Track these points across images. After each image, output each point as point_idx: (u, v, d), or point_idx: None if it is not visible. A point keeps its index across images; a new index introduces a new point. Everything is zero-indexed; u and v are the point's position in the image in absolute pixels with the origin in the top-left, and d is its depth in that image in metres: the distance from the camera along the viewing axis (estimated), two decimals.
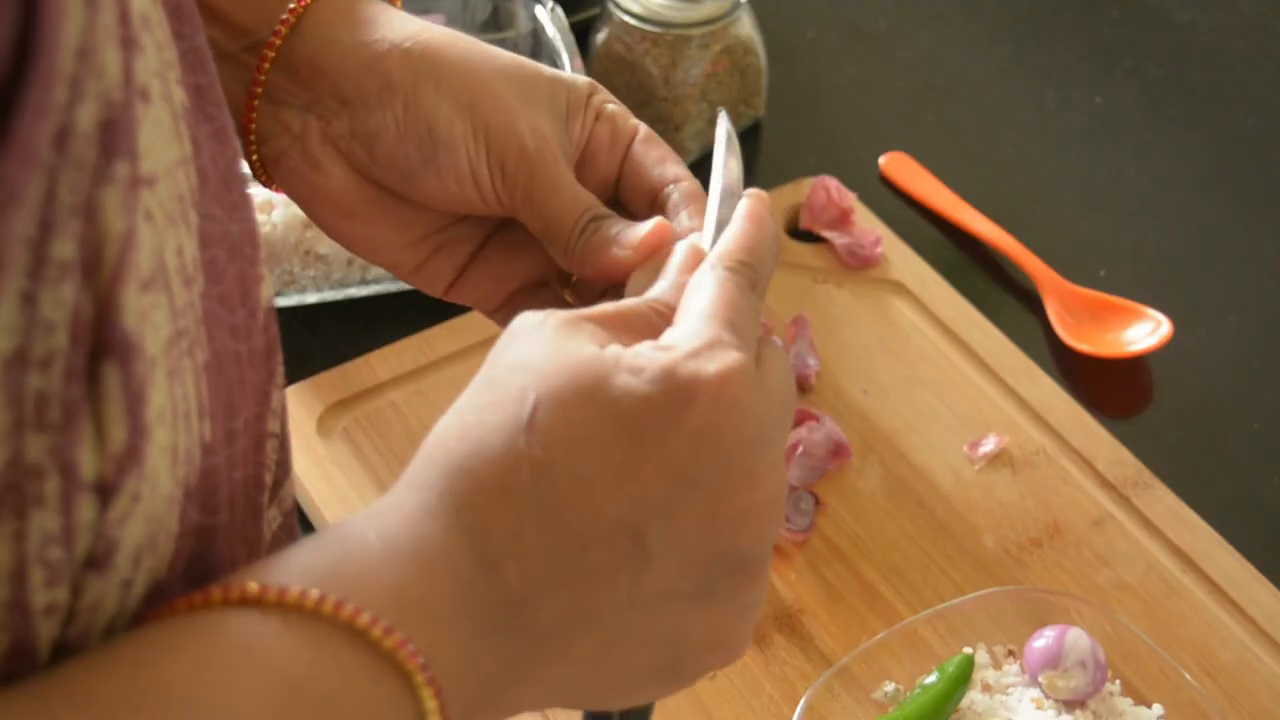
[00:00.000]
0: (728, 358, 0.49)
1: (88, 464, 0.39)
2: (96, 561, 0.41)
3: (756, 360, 0.51)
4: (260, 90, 0.62)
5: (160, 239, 0.41)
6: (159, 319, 0.41)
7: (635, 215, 0.63)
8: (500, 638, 0.47)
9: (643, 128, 0.64)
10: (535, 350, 0.49)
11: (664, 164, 0.63)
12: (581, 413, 0.48)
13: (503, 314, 0.67)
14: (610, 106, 0.64)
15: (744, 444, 0.49)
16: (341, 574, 0.44)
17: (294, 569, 0.45)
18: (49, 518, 0.39)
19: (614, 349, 0.49)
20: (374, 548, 0.45)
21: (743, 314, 0.52)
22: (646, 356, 0.49)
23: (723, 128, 0.60)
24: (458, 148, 0.61)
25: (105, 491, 0.40)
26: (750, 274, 0.53)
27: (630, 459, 0.47)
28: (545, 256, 0.66)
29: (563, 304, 0.63)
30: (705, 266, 0.53)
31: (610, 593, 0.48)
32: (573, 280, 0.67)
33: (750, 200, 0.55)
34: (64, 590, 0.40)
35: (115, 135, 0.39)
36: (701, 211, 0.61)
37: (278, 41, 0.62)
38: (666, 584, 0.48)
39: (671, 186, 0.62)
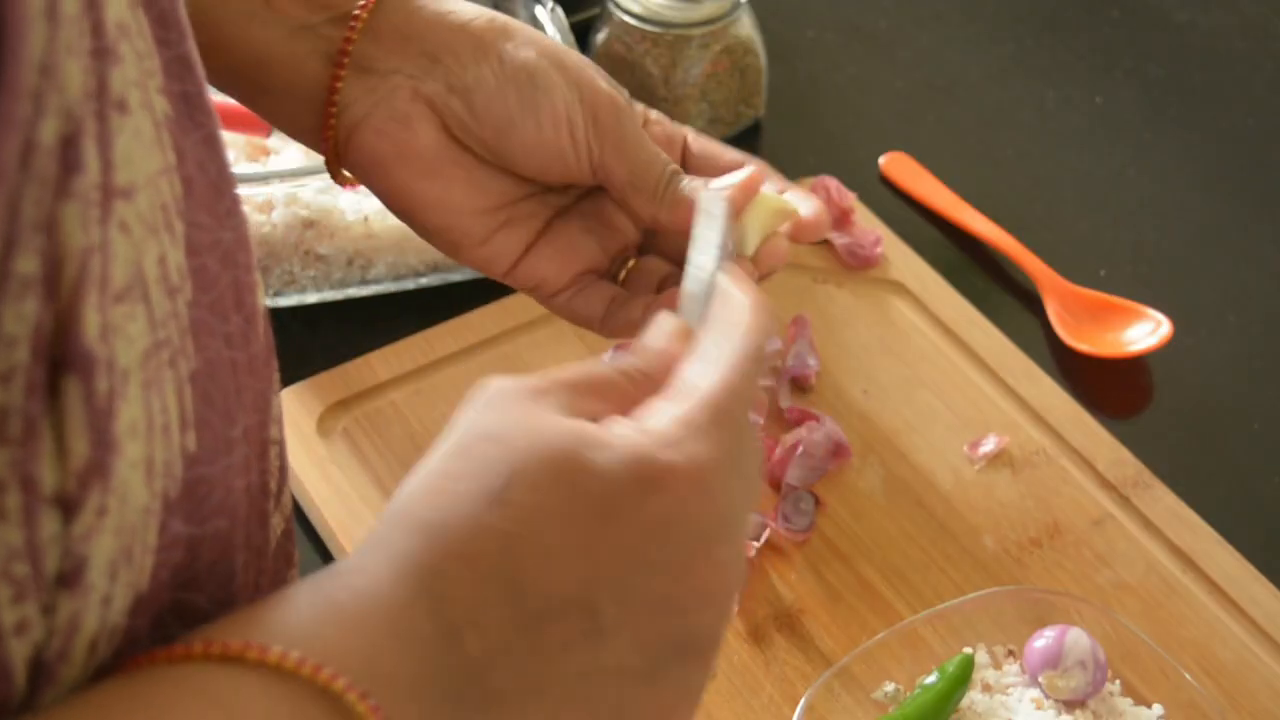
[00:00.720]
0: (706, 450, 0.49)
1: (48, 478, 0.39)
2: (67, 579, 0.40)
3: (737, 450, 0.51)
4: (347, 60, 0.64)
5: (138, 250, 0.41)
6: (134, 331, 0.41)
7: (667, 254, 0.71)
8: (457, 704, 0.47)
9: (691, 132, 0.71)
10: (506, 421, 0.49)
11: (725, 152, 0.70)
12: (551, 489, 0.48)
13: (562, 298, 0.71)
14: (654, 113, 0.70)
15: (707, 533, 0.49)
16: (319, 636, 0.45)
17: (272, 627, 0.45)
18: (11, 531, 0.39)
19: (586, 425, 0.49)
20: (348, 611, 0.46)
21: (739, 401, 0.51)
22: (619, 436, 0.49)
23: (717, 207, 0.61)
24: (556, 92, 0.66)
25: (68, 506, 0.39)
26: (760, 362, 0.53)
27: (591, 538, 0.47)
28: (605, 243, 0.70)
29: (617, 294, 0.70)
30: (720, 338, 0.52)
31: (563, 665, 0.48)
32: (625, 273, 0.72)
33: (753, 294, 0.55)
34: (33, 608, 0.40)
35: (74, 150, 0.39)
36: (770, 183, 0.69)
37: (364, 14, 0.66)
38: (618, 659, 0.49)
39: (743, 163, 0.69)
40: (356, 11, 0.66)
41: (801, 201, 0.70)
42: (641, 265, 0.72)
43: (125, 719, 0.41)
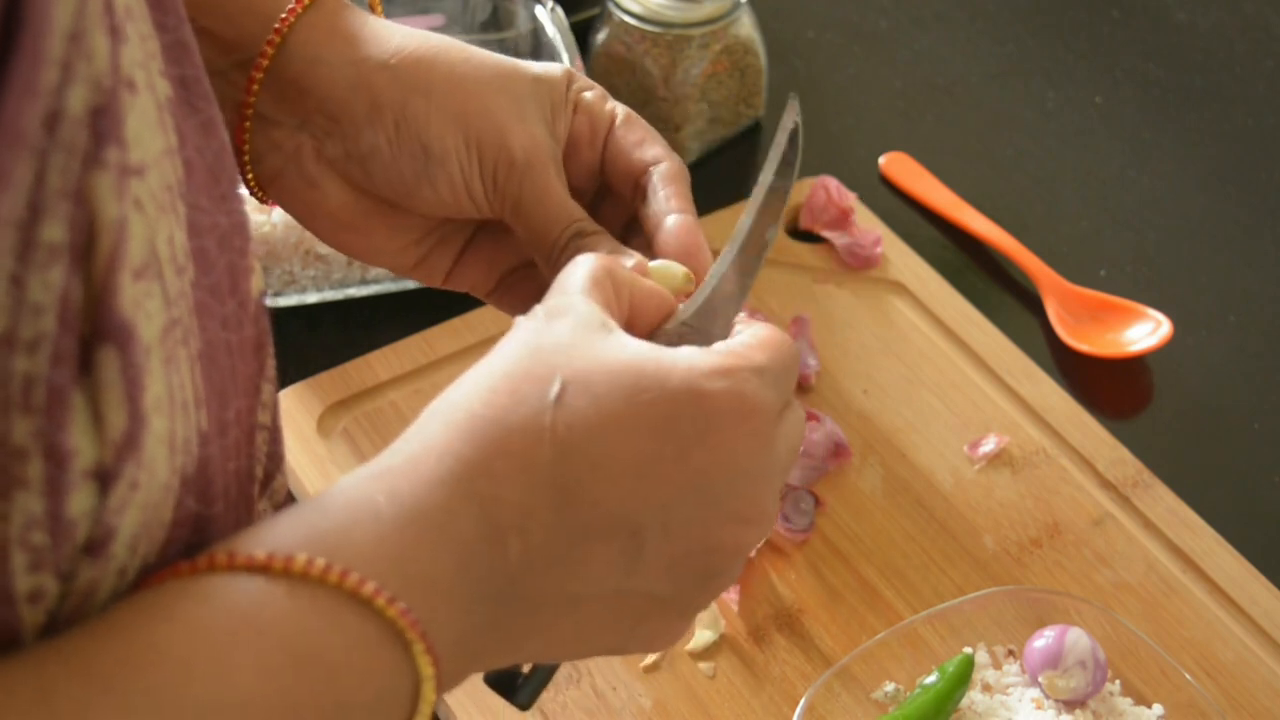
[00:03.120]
0: (766, 389, 0.51)
1: (86, 450, 0.39)
2: (94, 547, 0.41)
3: (785, 407, 0.53)
4: (251, 111, 0.62)
5: (151, 228, 0.41)
6: (153, 307, 0.41)
7: (621, 200, 0.65)
8: (493, 607, 0.47)
9: (620, 111, 0.65)
10: (576, 336, 0.50)
11: (643, 147, 0.64)
12: (613, 400, 0.48)
13: (497, 295, 0.68)
14: (587, 95, 0.64)
15: (756, 475, 0.51)
16: (348, 541, 0.45)
17: (298, 533, 0.45)
18: (32, 500, 0.39)
19: (656, 349, 0.50)
20: (383, 514, 0.46)
21: (788, 367, 0.53)
22: (688, 360, 0.50)
23: (790, 119, 0.61)
24: (451, 162, 0.62)
25: (105, 478, 0.40)
26: (796, 363, 0.55)
27: (646, 457, 0.48)
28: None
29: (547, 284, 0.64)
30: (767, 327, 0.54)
31: (599, 582, 0.49)
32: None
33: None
34: (49, 577, 0.40)
35: (106, 121, 0.39)
36: (680, 192, 0.62)
37: (265, 62, 0.62)
38: (648, 584, 0.50)
39: (652, 169, 0.63)
40: (259, 58, 0.62)
41: (671, 238, 0.64)
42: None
43: (144, 632, 0.41)
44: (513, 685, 0.54)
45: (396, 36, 0.63)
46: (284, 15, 0.61)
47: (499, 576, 0.47)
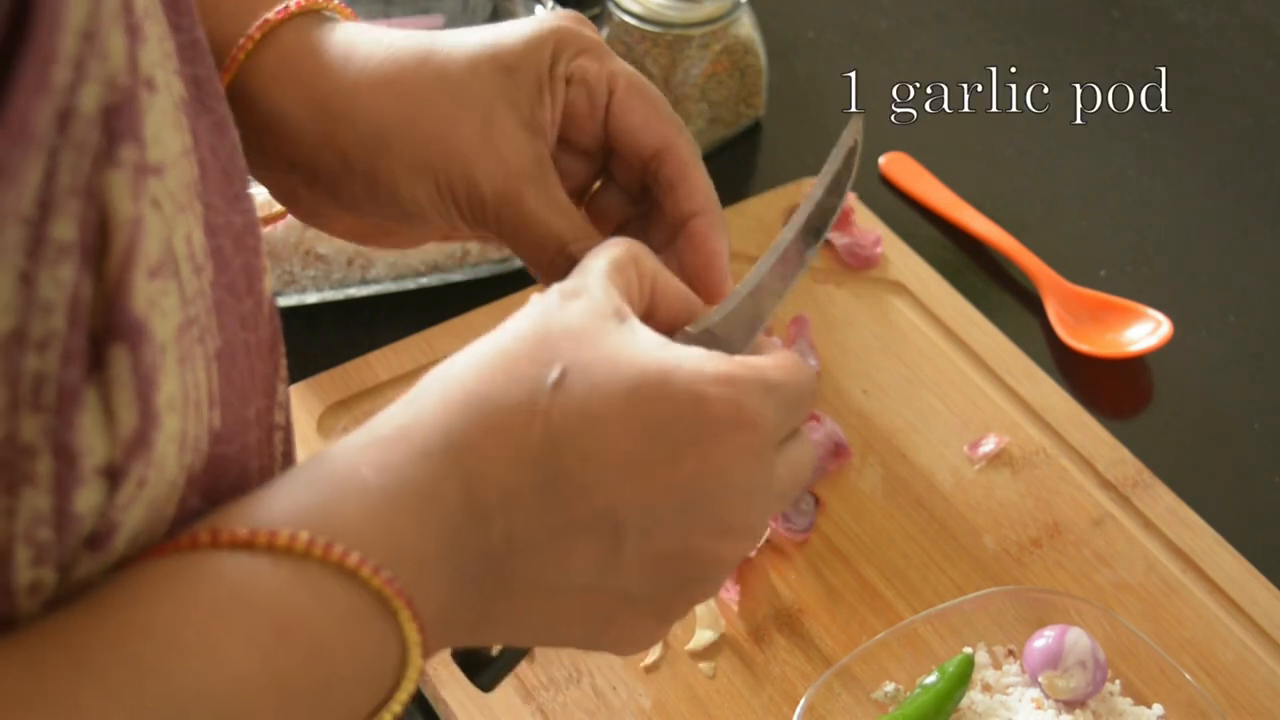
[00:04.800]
0: (770, 407, 0.50)
1: (97, 448, 0.39)
2: (96, 542, 0.41)
3: (793, 435, 0.52)
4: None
5: (169, 227, 0.41)
6: (169, 306, 0.41)
7: (627, 187, 0.62)
8: (474, 587, 0.47)
9: (622, 79, 0.60)
10: (585, 322, 0.49)
11: (647, 127, 0.60)
12: (608, 394, 0.48)
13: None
14: (580, 63, 0.60)
15: (746, 490, 0.50)
16: (334, 515, 0.45)
17: (283, 506, 0.45)
18: (39, 497, 0.39)
19: (665, 345, 0.50)
20: (370, 487, 0.45)
21: (800, 393, 0.52)
22: (696, 364, 0.49)
23: (850, 136, 0.59)
24: (428, 212, 0.60)
25: (114, 475, 0.40)
26: (810, 400, 0.54)
27: (639, 457, 0.48)
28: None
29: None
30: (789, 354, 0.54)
31: (575, 577, 0.49)
32: (582, 207, 0.66)
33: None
34: (50, 570, 0.40)
35: (120, 120, 0.39)
36: (693, 183, 0.60)
37: (228, 79, 0.59)
38: (624, 584, 0.49)
39: (662, 154, 0.60)
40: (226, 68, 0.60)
41: (691, 246, 0.61)
42: (598, 200, 0.65)
43: (130, 609, 0.41)
44: (478, 665, 0.54)
45: (354, 64, 0.59)
46: (231, 56, 0.59)
47: (480, 556, 0.47)
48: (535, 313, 0.50)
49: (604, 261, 0.52)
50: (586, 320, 0.49)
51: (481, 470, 0.47)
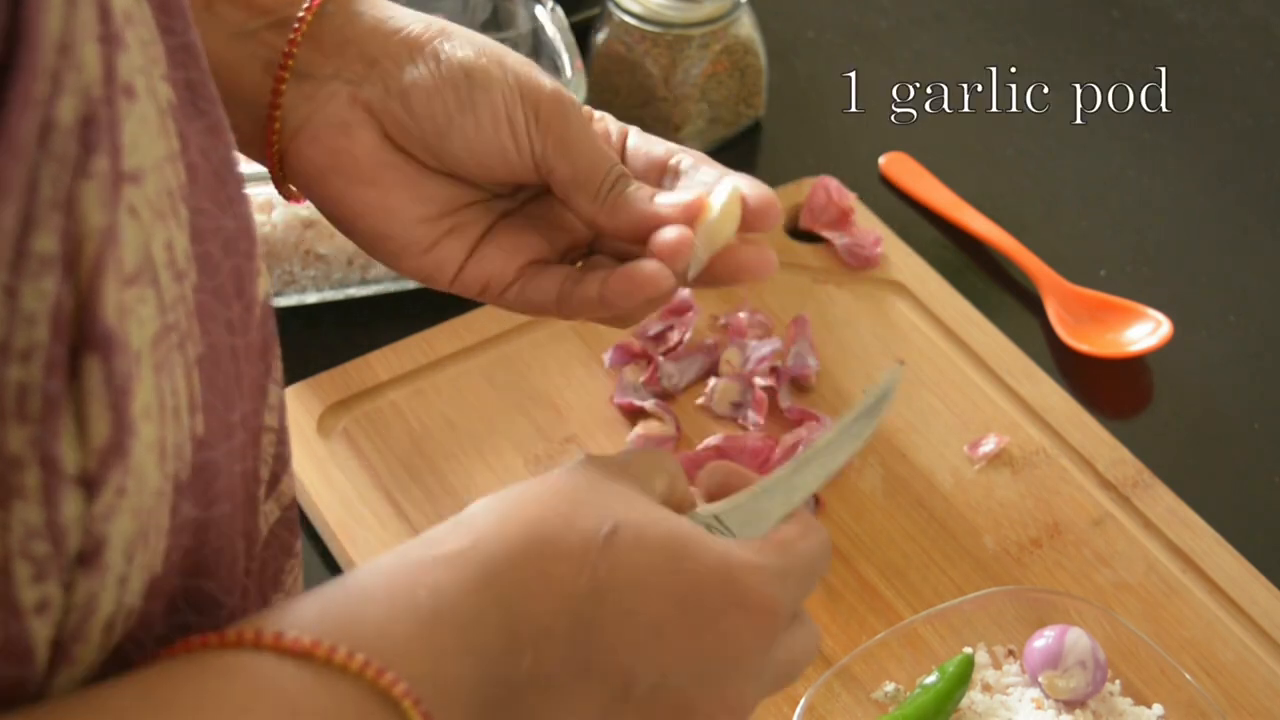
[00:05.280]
0: (785, 591, 0.54)
1: (70, 458, 0.39)
2: (86, 558, 0.41)
3: (797, 619, 0.57)
4: (289, 65, 0.63)
5: (147, 234, 0.41)
6: (145, 314, 0.41)
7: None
8: (492, 714, 0.49)
9: (633, 128, 0.68)
10: (636, 492, 0.54)
11: (659, 145, 0.67)
12: (654, 558, 0.51)
13: (512, 292, 0.67)
14: (598, 114, 0.68)
15: (751, 671, 0.53)
16: (386, 635, 0.46)
17: (332, 617, 0.46)
18: (31, 510, 0.39)
19: (703, 530, 0.54)
20: (422, 610, 0.47)
21: (814, 567, 0.57)
22: (727, 544, 0.54)
23: (890, 379, 0.63)
24: (494, 88, 0.64)
25: (90, 485, 0.40)
26: (820, 575, 0.58)
27: (667, 623, 0.51)
28: (553, 239, 0.67)
29: (570, 280, 0.65)
30: (810, 530, 0.58)
31: (580, 715, 0.51)
32: (582, 259, 0.69)
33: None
34: (54, 586, 0.40)
35: (95, 130, 0.39)
36: (712, 166, 0.65)
37: (309, 18, 0.64)
38: None
39: (679, 155, 0.66)
40: (301, 15, 0.64)
41: (746, 186, 0.65)
42: (593, 262, 0.68)
43: (186, 708, 0.42)
44: None
45: (422, 14, 0.66)
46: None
47: (505, 686, 0.49)
48: (594, 465, 0.54)
49: (655, 455, 0.57)
50: (634, 490, 0.54)
51: (526, 607, 0.49)
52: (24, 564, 0.39)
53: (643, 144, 0.67)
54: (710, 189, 0.64)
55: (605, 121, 0.68)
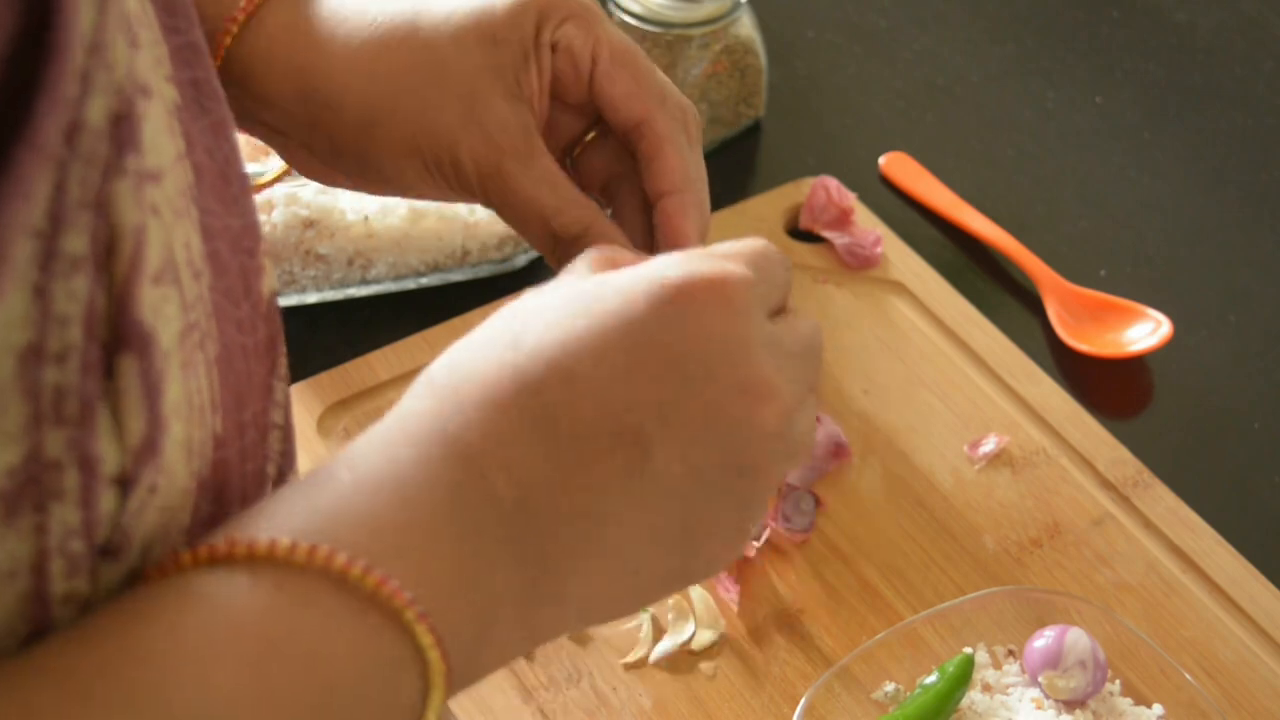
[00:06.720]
0: (726, 266, 0.49)
1: (110, 457, 0.39)
2: (113, 551, 0.41)
3: (786, 310, 0.52)
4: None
5: (168, 233, 0.41)
6: (170, 312, 0.41)
7: (620, 140, 0.63)
8: (500, 550, 0.45)
9: (606, 48, 0.61)
10: (525, 296, 0.50)
11: (630, 101, 0.61)
12: (570, 322, 0.47)
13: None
14: (566, 30, 0.60)
15: (742, 341, 0.48)
16: (314, 517, 0.44)
17: (266, 518, 0.44)
18: (69, 511, 0.39)
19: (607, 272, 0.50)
20: (344, 482, 0.45)
21: (759, 255, 0.51)
22: (640, 267, 0.49)
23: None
24: (420, 187, 0.62)
25: (125, 484, 0.40)
26: (778, 264, 0.53)
27: (621, 362, 0.47)
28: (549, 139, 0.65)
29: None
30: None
31: (616, 495, 0.47)
32: (574, 156, 0.66)
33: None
34: (83, 580, 0.40)
35: (126, 129, 0.39)
36: (666, 171, 0.60)
37: (217, 63, 0.61)
38: (670, 483, 0.47)
39: (646, 127, 0.60)
40: (218, 51, 0.61)
41: (662, 221, 0.62)
42: (590, 152, 0.65)
43: (119, 636, 0.41)
44: None
45: (338, 42, 0.60)
46: (218, 39, 0.61)
47: (494, 517, 0.46)
48: (507, 305, 0.50)
49: (582, 263, 0.52)
50: (554, 288, 0.49)
51: (465, 437, 0.46)
52: (59, 561, 0.39)
53: (612, 91, 0.61)
54: (649, 190, 0.62)
55: (572, 52, 0.61)
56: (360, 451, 0.46)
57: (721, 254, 0.50)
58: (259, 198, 0.89)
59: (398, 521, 0.44)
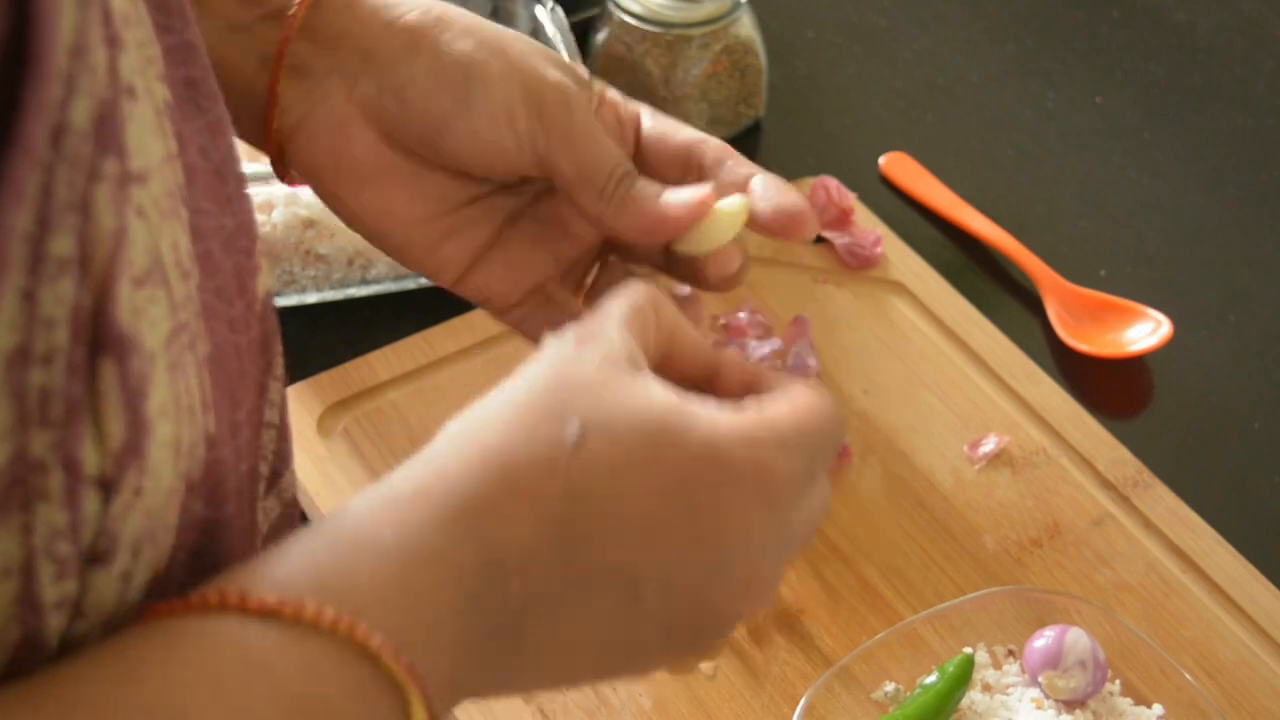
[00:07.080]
0: (790, 460, 0.49)
1: (90, 459, 0.39)
2: (100, 556, 0.41)
3: (809, 480, 0.52)
4: (285, 61, 0.61)
5: (155, 234, 0.41)
6: (157, 314, 0.41)
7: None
8: (486, 649, 0.47)
9: (644, 106, 0.66)
10: (602, 374, 0.49)
11: (680, 131, 0.65)
12: (628, 450, 0.47)
13: (514, 316, 0.66)
14: (610, 93, 0.65)
15: (765, 546, 0.50)
16: (353, 583, 0.44)
17: (301, 567, 0.44)
18: (55, 512, 0.39)
19: (680, 399, 0.49)
20: (389, 549, 0.45)
21: (823, 438, 0.52)
22: (709, 418, 0.49)
23: None
24: (494, 84, 0.62)
25: (107, 486, 0.40)
26: (836, 445, 0.54)
27: (657, 515, 0.48)
28: (560, 252, 0.66)
29: (573, 316, 0.62)
30: (812, 392, 0.53)
31: (593, 632, 0.48)
32: (590, 281, 0.68)
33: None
34: (73, 584, 0.40)
35: (107, 132, 0.39)
36: (740, 161, 0.64)
37: (302, 12, 0.62)
38: (641, 636, 0.49)
39: (701, 148, 0.64)
40: (294, 9, 0.62)
41: (773, 195, 0.64)
42: (606, 275, 0.68)
43: (132, 688, 0.40)
44: None
45: (413, 1, 0.64)
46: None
47: (496, 617, 0.46)
48: (551, 358, 0.49)
49: (622, 307, 0.51)
50: (602, 370, 0.49)
51: (500, 532, 0.46)
52: (47, 563, 0.39)
53: (658, 128, 0.65)
54: (725, 187, 0.63)
55: (618, 106, 0.65)
56: (404, 514, 0.46)
57: (793, 426, 0.50)
58: (259, 198, 0.89)
59: (427, 610, 0.45)
